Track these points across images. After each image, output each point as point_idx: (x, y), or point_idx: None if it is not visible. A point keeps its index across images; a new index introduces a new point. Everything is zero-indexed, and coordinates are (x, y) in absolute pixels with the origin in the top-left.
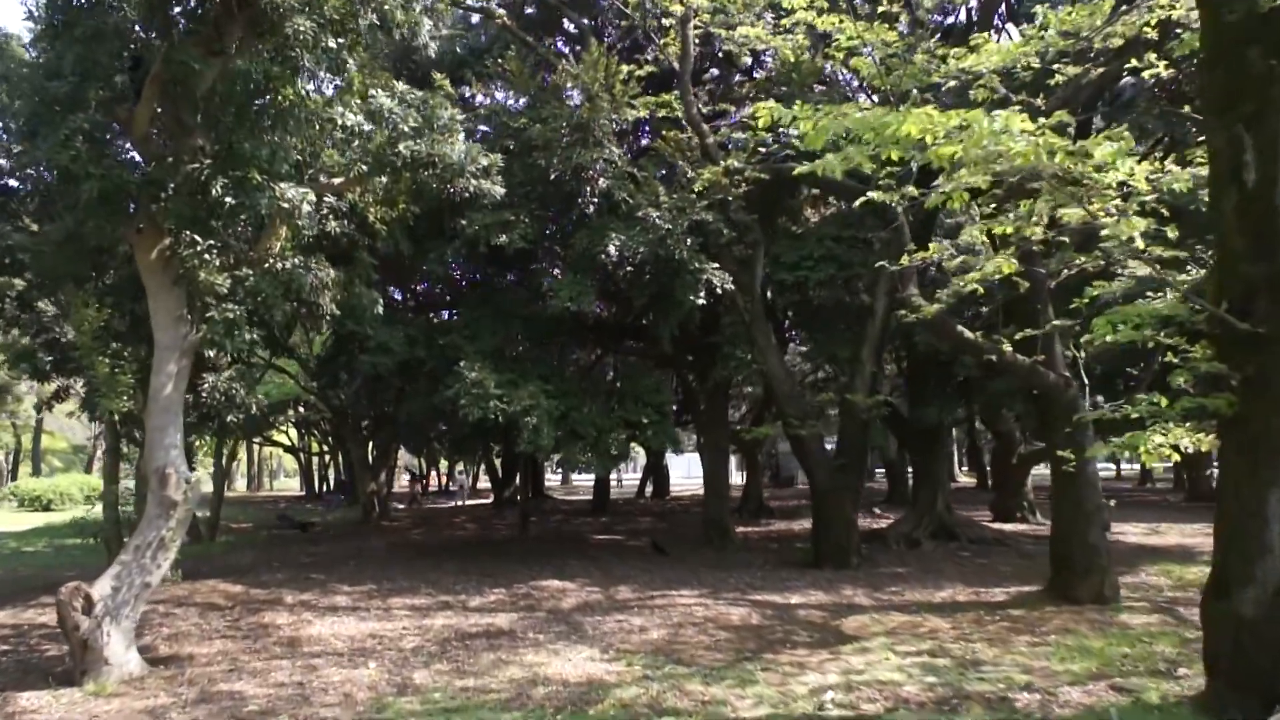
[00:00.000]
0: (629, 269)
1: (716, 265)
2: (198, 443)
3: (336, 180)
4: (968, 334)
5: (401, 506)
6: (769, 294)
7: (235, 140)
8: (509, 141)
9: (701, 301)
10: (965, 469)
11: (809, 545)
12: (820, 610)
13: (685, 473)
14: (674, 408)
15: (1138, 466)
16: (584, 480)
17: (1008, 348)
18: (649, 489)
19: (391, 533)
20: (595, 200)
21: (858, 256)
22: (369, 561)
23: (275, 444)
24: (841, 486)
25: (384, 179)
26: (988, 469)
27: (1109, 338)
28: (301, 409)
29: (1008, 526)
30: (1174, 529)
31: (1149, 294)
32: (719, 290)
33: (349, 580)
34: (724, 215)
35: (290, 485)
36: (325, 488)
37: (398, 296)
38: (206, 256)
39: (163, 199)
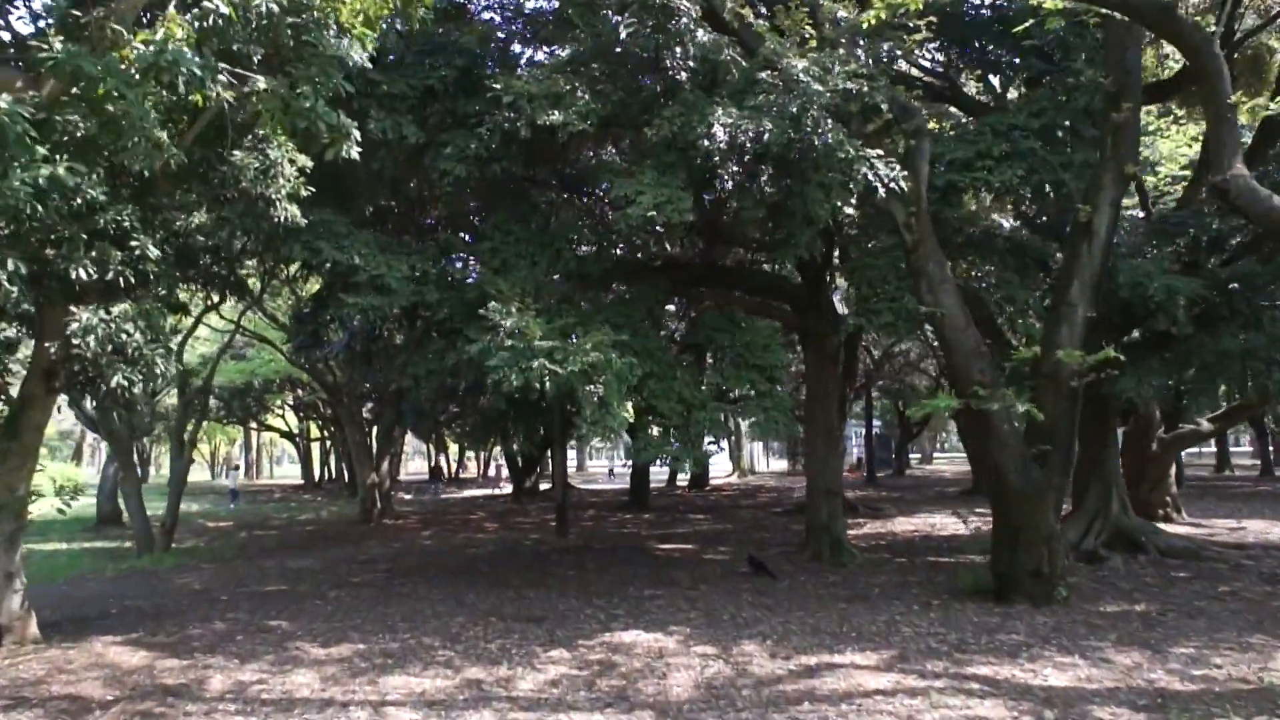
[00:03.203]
0: (738, 167)
1: (879, 153)
2: (191, 429)
3: None
4: None
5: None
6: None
7: None
8: None
9: (851, 210)
10: None
11: (984, 566)
12: (1120, 705)
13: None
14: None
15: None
16: (601, 467)
17: None
18: (681, 478)
19: (395, 535)
20: (689, 65)
21: (1058, 154)
22: (359, 591)
23: (270, 428)
24: (1040, 486)
25: None
26: None
27: None
28: (300, 391)
29: (1167, 527)
30: None
31: None
32: (882, 188)
33: (324, 631)
34: (877, 87)
35: (293, 472)
36: (326, 476)
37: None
38: None
39: None
